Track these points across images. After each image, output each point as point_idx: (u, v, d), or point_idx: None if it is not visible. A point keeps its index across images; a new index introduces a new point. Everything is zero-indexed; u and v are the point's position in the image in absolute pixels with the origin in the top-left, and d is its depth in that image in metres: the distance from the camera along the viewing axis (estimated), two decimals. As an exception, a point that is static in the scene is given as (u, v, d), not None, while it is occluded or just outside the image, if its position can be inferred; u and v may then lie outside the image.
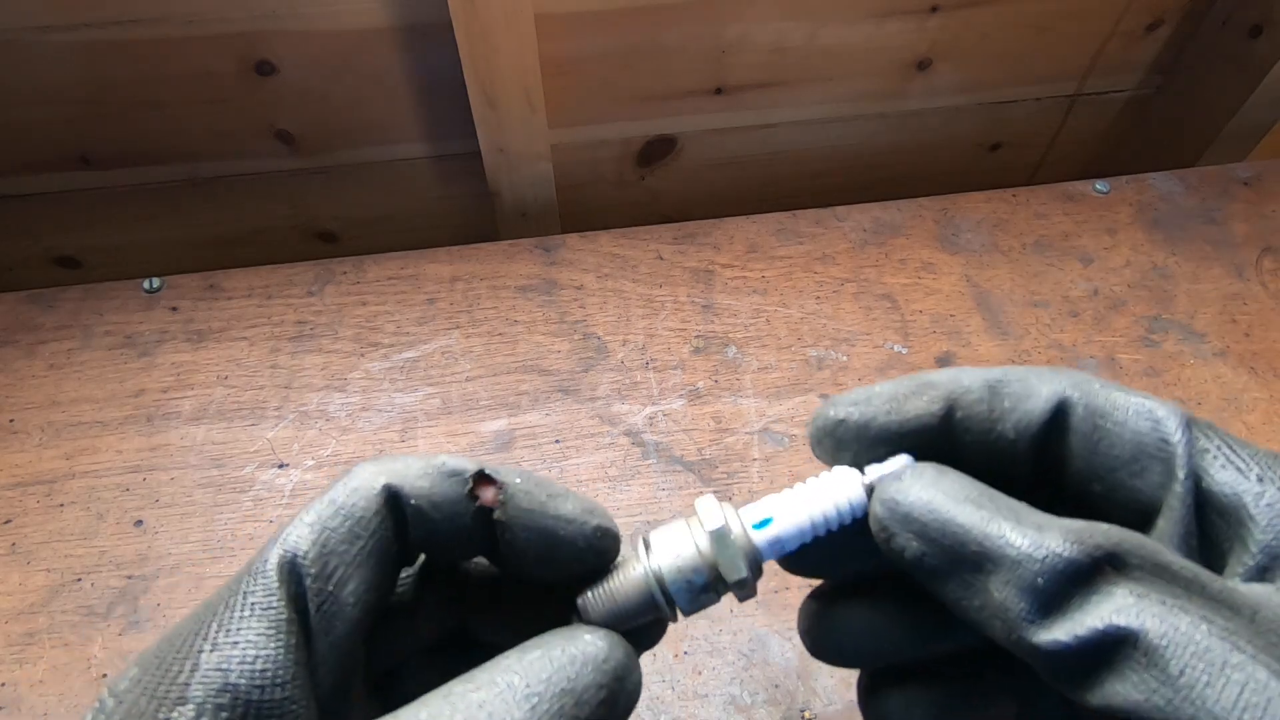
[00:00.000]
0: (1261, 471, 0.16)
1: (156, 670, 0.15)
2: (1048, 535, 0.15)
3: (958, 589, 0.16)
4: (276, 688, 0.14)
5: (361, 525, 0.16)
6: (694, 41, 0.62)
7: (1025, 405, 0.18)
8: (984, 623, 0.16)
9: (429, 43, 0.59)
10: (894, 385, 0.19)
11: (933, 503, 0.17)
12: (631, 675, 0.17)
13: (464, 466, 0.18)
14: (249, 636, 0.15)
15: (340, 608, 0.16)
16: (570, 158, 0.68)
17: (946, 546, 0.16)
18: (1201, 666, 0.14)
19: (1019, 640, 0.15)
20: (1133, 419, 0.17)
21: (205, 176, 0.65)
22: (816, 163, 0.74)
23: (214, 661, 0.14)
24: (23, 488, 0.48)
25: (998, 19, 0.65)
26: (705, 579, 0.18)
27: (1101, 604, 0.15)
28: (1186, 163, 0.71)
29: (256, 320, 0.56)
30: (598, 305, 0.56)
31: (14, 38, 0.54)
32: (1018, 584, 0.15)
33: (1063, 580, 0.15)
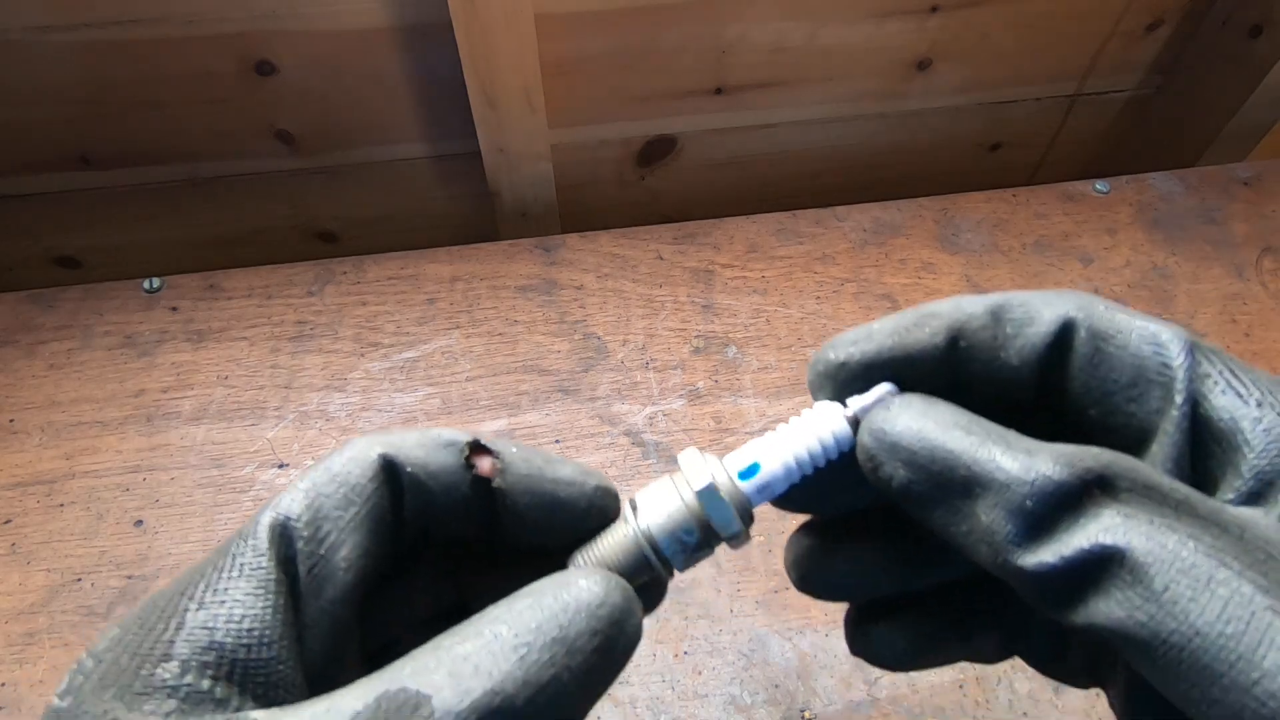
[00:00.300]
0: (1261, 396, 0.16)
1: (139, 630, 0.14)
2: (1037, 459, 0.15)
3: (945, 515, 0.16)
4: (263, 647, 0.14)
5: (356, 491, 0.16)
6: (694, 41, 0.62)
7: (1029, 330, 0.18)
8: (971, 548, 0.16)
9: (429, 43, 0.59)
10: (894, 320, 0.19)
11: (921, 430, 0.17)
12: (630, 620, 0.16)
13: (459, 437, 0.18)
14: (236, 596, 0.14)
15: (331, 571, 0.15)
16: (570, 158, 0.68)
17: (935, 472, 0.16)
18: (1186, 582, 0.13)
19: (1005, 564, 0.15)
20: (1135, 342, 0.17)
21: (205, 176, 0.65)
22: (816, 163, 0.74)
23: (200, 620, 0.14)
24: (23, 488, 0.48)
25: (998, 19, 0.65)
26: (697, 537, 0.18)
27: (1089, 525, 0.15)
28: (1186, 163, 0.71)
29: (256, 320, 0.56)
30: (598, 305, 0.56)
31: (14, 38, 0.54)
32: (1006, 507, 0.15)
33: (1051, 503, 0.15)
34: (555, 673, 0.14)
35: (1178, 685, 0.14)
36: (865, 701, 0.40)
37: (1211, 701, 0.13)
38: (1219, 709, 0.13)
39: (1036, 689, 0.41)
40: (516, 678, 0.14)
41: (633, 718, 0.40)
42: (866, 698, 0.40)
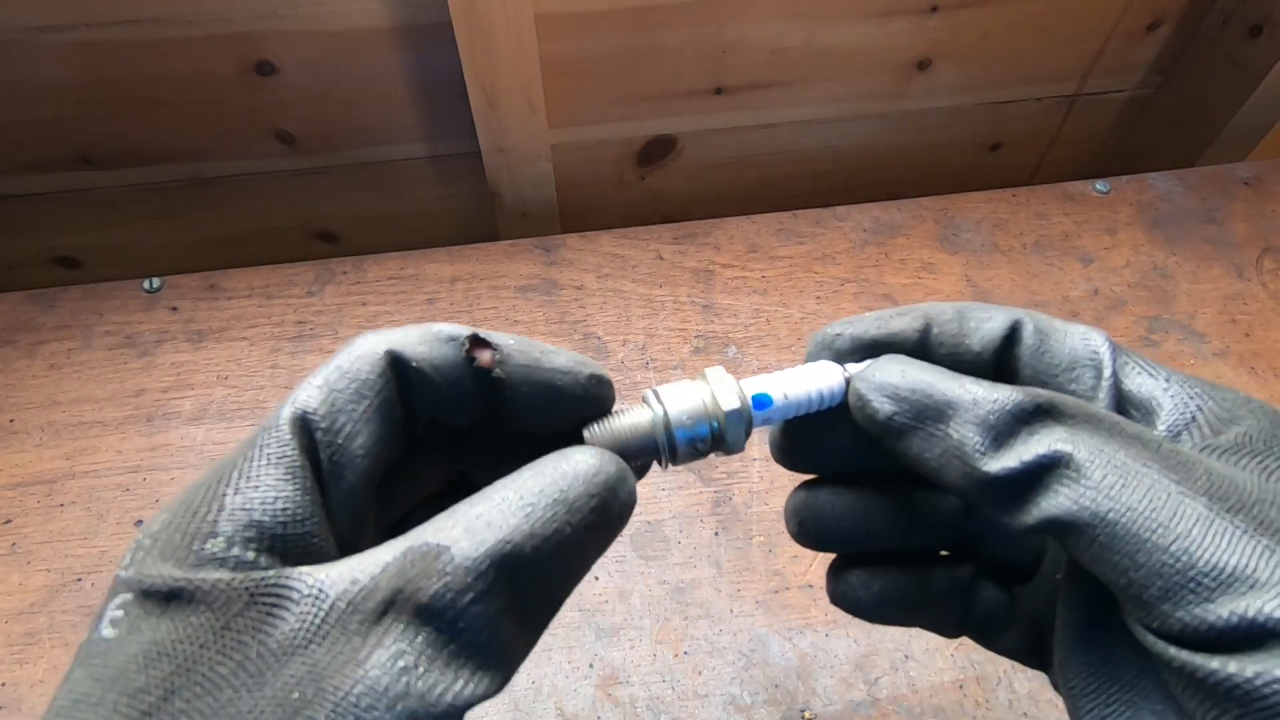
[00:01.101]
0: (1168, 375, 0.20)
1: (184, 514, 0.16)
2: (999, 387, 0.19)
3: (921, 442, 0.20)
4: (298, 524, 0.16)
5: (367, 386, 0.18)
6: (694, 41, 0.62)
7: (987, 325, 0.22)
8: (943, 467, 0.19)
9: (429, 43, 0.59)
10: (879, 312, 0.23)
11: (904, 370, 0.20)
12: (624, 487, 0.18)
13: (460, 331, 0.19)
14: (268, 481, 0.16)
15: (350, 459, 0.17)
16: (570, 158, 0.68)
17: (914, 401, 0.20)
18: (1118, 475, 0.17)
19: (972, 472, 0.18)
20: (1071, 337, 0.21)
21: (205, 176, 0.65)
22: (816, 163, 0.74)
23: (238, 503, 0.16)
24: (23, 488, 0.48)
25: (998, 19, 0.65)
26: (706, 435, 0.21)
27: (1042, 437, 0.18)
28: (1186, 163, 0.71)
29: (256, 320, 0.56)
30: (598, 305, 0.56)
31: (14, 38, 0.54)
32: (975, 421, 0.19)
33: (1011, 418, 0.18)
34: (558, 527, 0.16)
35: (1111, 557, 0.17)
36: (865, 701, 0.40)
37: (1138, 565, 0.16)
38: (1144, 570, 0.16)
39: (1036, 689, 0.41)
40: (524, 530, 0.16)
41: (633, 718, 0.40)
42: (866, 698, 0.40)
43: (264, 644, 0.15)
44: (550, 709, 0.40)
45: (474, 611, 0.15)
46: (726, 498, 0.47)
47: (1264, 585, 0.15)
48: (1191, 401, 0.19)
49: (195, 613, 0.15)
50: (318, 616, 0.15)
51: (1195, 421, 0.19)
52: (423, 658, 0.15)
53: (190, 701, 0.14)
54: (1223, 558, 0.16)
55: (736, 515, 0.47)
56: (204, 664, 0.15)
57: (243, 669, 0.15)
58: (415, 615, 0.15)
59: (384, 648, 0.15)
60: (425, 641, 0.15)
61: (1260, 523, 0.16)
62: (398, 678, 0.14)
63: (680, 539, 0.46)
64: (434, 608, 0.15)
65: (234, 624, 0.15)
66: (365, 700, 0.14)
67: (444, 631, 0.15)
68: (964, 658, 0.42)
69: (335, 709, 0.14)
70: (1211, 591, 0.16)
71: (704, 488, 0.48)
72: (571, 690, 0.41)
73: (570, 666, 0.42)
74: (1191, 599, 0.16)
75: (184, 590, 0.15)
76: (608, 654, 0.42)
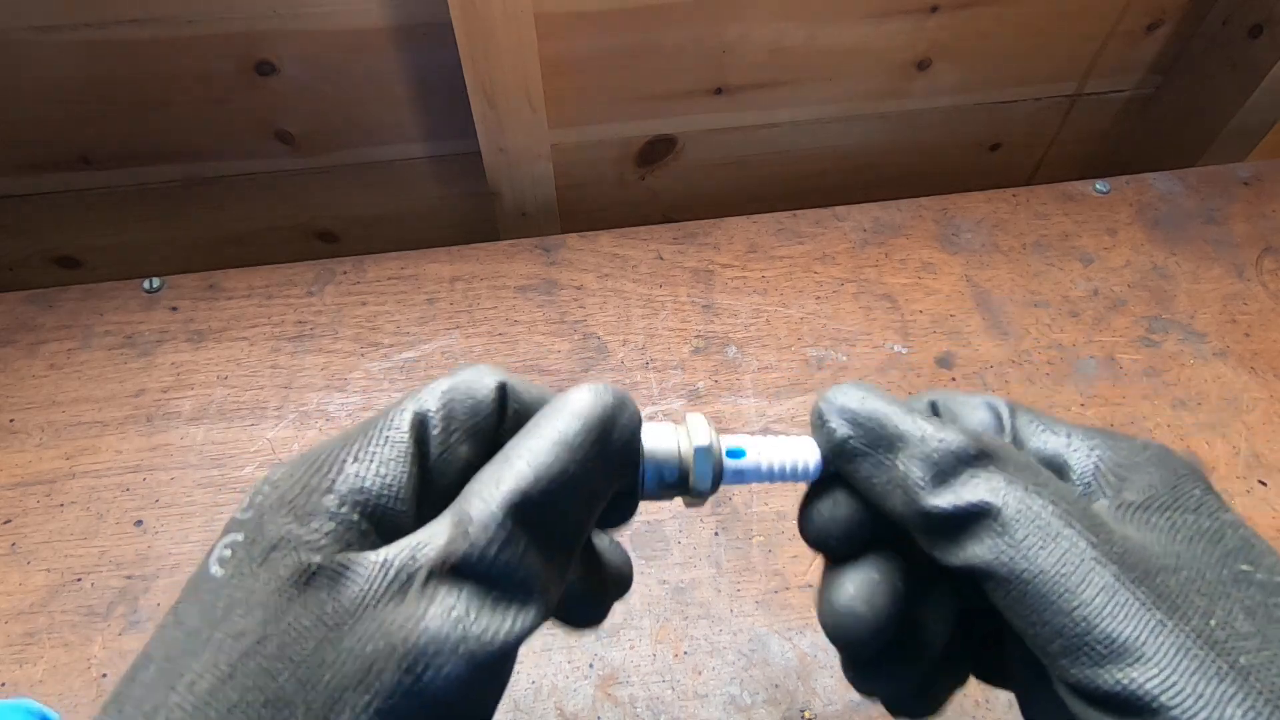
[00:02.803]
0: (1069, 432, 0.22)
1: (307, 469, 0.18)
2: (948, 429, 0.20)
3: (871, 467, 0.21)
4: (397, 501, 0.18)
5: (479, 406, 0.20)
6: (694, 41, 0.62)
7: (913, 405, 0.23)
8: (888, 495, 0.20)
9: (429, 43, 0.59)
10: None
11: (865, 398, 0.21)
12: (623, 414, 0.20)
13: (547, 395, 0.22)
14: (382, 458, 0.19)
15: (454, 460, 0.19)
16: (570, 158, 0.68)
17: (870, 429, 0.21)
18: (1039, 535, 0.18)
19: (911, 503, 0.20)
20: (978, 408, 0.23)
21: (205, 176, 0.65)
22: (816, 163, 0.74)
23: (355, 470, 0.18)
24: (23, 488, 0.48)
25: (998, 19, 0.65)
26: (674, 478, 0.21)
27: (978, 484, 0.19)
28: (1186, 163, 0.71)
29: (256, 320, 0.56)
30: (598, 305, 0.56)
31: (14, 38, 0.54)
32: (921, 458, 0.20)
33: (954, 460, 0.19)
34: (561, 466, 0.18)
35: (1021, 611, 0.18)
36: (865, 702, 0.40)
37: (1043, 623, 0.18)
38: (1047, 628, 0.18)
39: (1036, 689, 0.41)
40: (527, 476, 0.18)
41: (633, 718, 0.40)
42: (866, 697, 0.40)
43: (338, 602, 0.17)
44: (550, 709, 0.40)
45: (501, 559, 0.17)
46: (726, 498, 0.47)
47: (1148, 660, 0.16)
48: (1093, 453, 0.21)
49: (287, 566, 0.17)
50: (384, 581, 0.17)
51: (1099, 472, 0.21)
52: (470, 607, 0.17)
53: (280, 648, 0.16)
54: (1118, 628, 0.17)
55: (736, 515, 0.47)
56: (291, 615, 0.17)
57: (322, 623, 0.17)
58: (455, 574, 0.17)
59: (438, 604, 0.17)
60: (470, 594, 0.17)
61: (1160, 594, 0.17)
62: (454, 625, 0.17)
63: (680, 539, 0.46)
64: (466, 565, 0.17)
65: (314, 581, 0.17)
66: (431, 647, 0.16)
67: (482, 582, 0.17)
68: (964, 658, 0.42)
69: (407, 655, 0.16)
70: (1103, 658, 0.17)
71: (704, 488, 0.48)
72: (571, 690, 0.41)
73: (570, 666, 0.42)
74: (1085, 661, 0.17)
75: (287, 541, 0.17)
76: (608, 654, 0.42)
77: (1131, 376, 0.53)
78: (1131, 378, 0.53)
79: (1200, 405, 0.52)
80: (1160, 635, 0.17)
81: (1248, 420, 0.51)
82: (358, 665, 0.16)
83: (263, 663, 0.16)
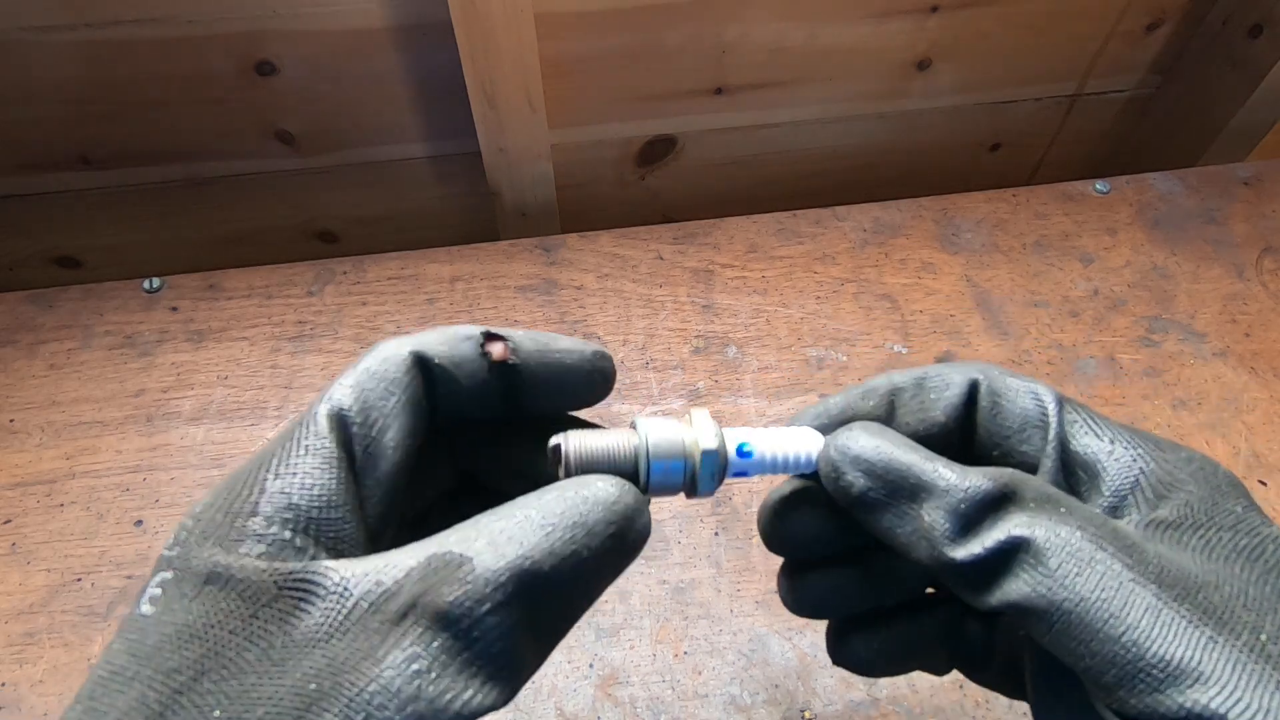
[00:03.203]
0: (1114, 436, 0.21)
1: (228, 495, 0.17)
2: (971, 473, 0.19)
3: (893, 519, 0.20)
4: (332, 509, 0.17)
5: (395, 384, 0.19)
6: (694, 41, 0.62)
7: (947, 394, 0.23)
8: (912, 546, 0.20)
9: (429, 43, 0.59)
10: (844, 395, 0.23)
11: (879, 446, 0.20)
12: (640, 518, 0.19)
13: (474, 330, 0.21)
14: (306, 469, 0.17)
15: (381, 450, 0.18)
16: (570, 158, 0.68)
17: (889, 480, 0.20)
18: (1073, 562, 0.18)
19: (939, 556, 0.19)
20: (1022, 397, 0.22)
21: (205, 176, 0.65)
22: (817, 163, 0.74)
23: (278, 487, 0.17)
24: (23, 488, 0.48)
25: (998, 19, 0.65)
26: (680, 471, 0.21)
27: (1004, 523, 0.19)
28: (1186, 163, 0.71)
29: (256, 320, 0.56)
30: (598, 305, 0.56)
31: (14, 38, 0.54)
32: (946, 508, 0.19)
33: (980, 506, 0.19)
34: (576, 549, 0.17)
35: (1068, 644, 0.17)
36: (865, 701, 0.40)
37: (1093, 653, 0.17)
38: (1098, 659, 0.17)
39: (1036, 689, 0.41)
40: (543, 549, 0.17)
41: (633, 718, 0.40)
42: (866, 698, 0.40)
43: (288, 635, 0.16)
44: (550, 709, 0.40)
45: (490, 622, 0.16)
46: (726, 497, 0.47)
47: (1208, 679, 0.16)
48: (1135, 464, 0.20)
49: (227, 599, 0.16)
50: (340, 613, 0.16)
51: (1139, 485, 0.20)
52: (436, 663, 0.15)
53: (217, 684, 0.15)
54: (1170, 650, 0.16)
55: (736, 515, 0.47)
56: (232, 649, 0.15)
57: (267, 657, 0.15)
58: (434, 620, 0.16)
59: (400, 649, 0.15)
60: (440, 647, 0.16)
61: (1205, 611, 0.17)
62: (410, 680, 0.15)
63: (680, 539, 0.46)
64: (452, 615, 0.16)
65: (261, 613, 0.16)
66: (378, 699, 0.15)
67: (459, 639, 0.16)
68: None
69: (350, 704, 0.15)
70: (1161, 683, 0.16)
71: (704, 488, 0.48)
72: (571, 690, 0.41)
73: (570, 666, 0.42)
74: (1143, 688, 0.16)
75: (219, 574, 0.16)
76: (608, 654, 0.42)
77: (1131, 376, 0.53)
78: (1131, 378, 0.53)
79: (1200, 405, 0.52)
80: (1214, 652, 0.16)
81: (1248, 420, 0.51)
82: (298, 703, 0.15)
83: (197, 699, 0.15)
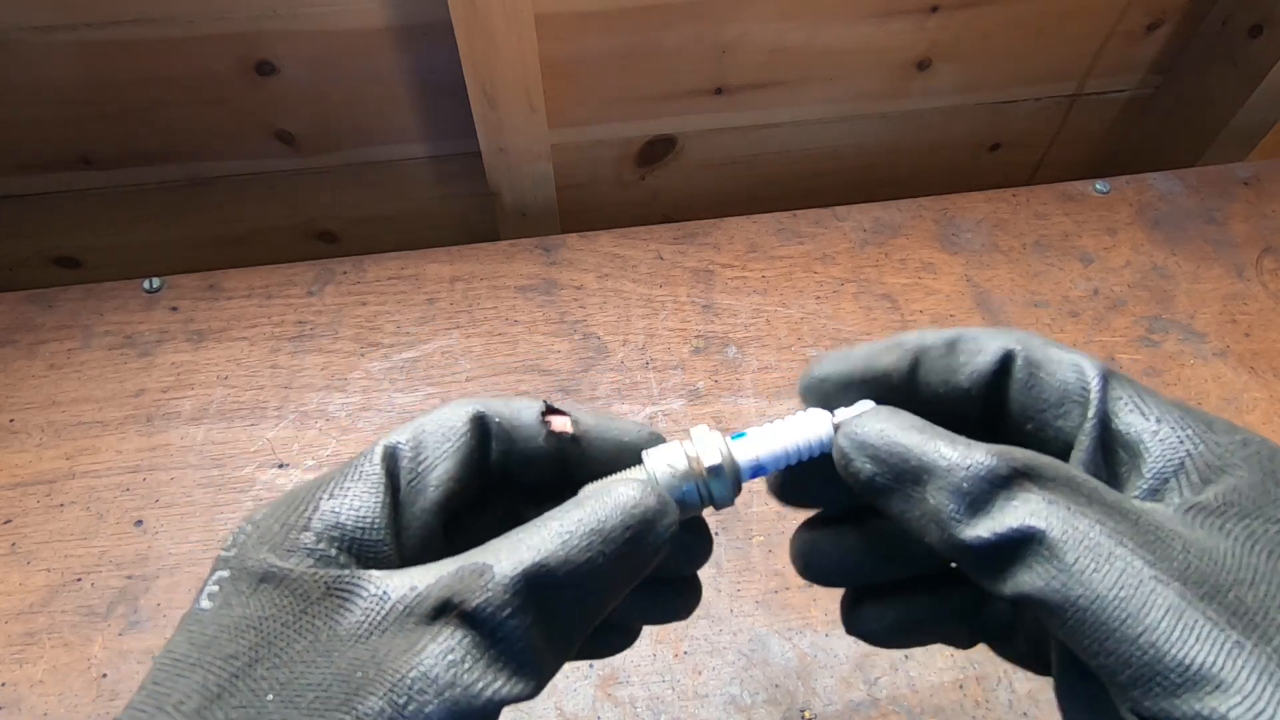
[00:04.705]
0: (1160, 414, 0.20)
1: (285, 509, 0.19)
2: (974, 450, 0.19)
3: (901, 503, 0.20)
4: (373, 531, 0.19)
5: (451, 431, 0.21)
6: (694, 41, 0.62)
7: (977, 359, 0.22)
8: (923, 529, 0.19)
9: (429, 43, 0.59)
10: (869, 346, 0.23)
11: (884, 430, 0.20)
12: (662, 520, 0.20)
13: (537, 403, 0.23)
14: (355, 493, 0.19)
15: (424, 486, 0.20)
16: (570, 158, 0.68)
17: (892, 464, 0.20)
18: (1090, 557, 0.17)
19: (949, 538, 0.18)
20: (1062, 369, 0.21)
21: (205, 176, 0.65)
22: (817, 163, 0.74)
23: (329, 506, 0.19)
24: (23, 488, 0.48)
25: (998, 19, 0.65)
26: (695, 501, 0.21)
27: (1018, 507, 0.18)
28: (1186, 163, 0.71)
29: (256, 320, 0.56)
30: (598, 305, 0.56)
31: (14, 38, 0.54)
32: (949, 488, 0.18)
33: (985, 485, 0.18)
34: (591, 555, 0.18)
35: (1082, 641, 0.17)
36: (865, 701, 0.40)
37: (1108, 652, 0.16)
38: (1113, 658, 0.16)
39: (1036, 689, 0.41)
40: (558, 555, 0.18)
41: (633, 718, 0.40)
42: (866, 698, 0.40)
43: (334, 630, 0.17)
44: (550, 709, 0.40)
45: (510, 624, 0.17)
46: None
47: (1229, 687, 0.15)
48: (1181, 446, 0.19)
49: (280, 595, 0.18)
50: (380, 613, 0.17)
51: (1184, 468, 0.19)
52: (468, 656, 0.17)
53: (270, 670, 0.17)
54: (1190, 653, 0.15)
55: (736, 515, 0.47)
56: (283, 640, 0.17)
57: (315, 648, 0.17)
58: (462, 621, 0.17)
59: (436, 643, 0.17)
60: (471, 643, 0.17)
61: (1234, 611, 0.16)
62: (447, 669, 0.17)
63: (680, 539, 0.46)
64: (477, 617, 0.17)
65: (311, 609, 0.18)
66: (419, 685, 0.16)
67: (485, 637, 0.17)
68: (964, 658, 0.42)
69: (393, 689, 0.16)
70: (1178, 687, 0.15)
71: (704, 488, 0.48)
72: (571, 690, 0.41)
73: (570, 666, 0.42)
74: (1159, 691, 0.16)
75: (274, 574, 0.18)
76: (608, 654, 0.42)
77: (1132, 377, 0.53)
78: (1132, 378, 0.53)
79: (1200, 405, 0.52)
80: (1239, 658, 0.15)
81: (1248, 420, 0.51)
82: (345, 689, 0.16)
83: (251, 684, 0.16)
